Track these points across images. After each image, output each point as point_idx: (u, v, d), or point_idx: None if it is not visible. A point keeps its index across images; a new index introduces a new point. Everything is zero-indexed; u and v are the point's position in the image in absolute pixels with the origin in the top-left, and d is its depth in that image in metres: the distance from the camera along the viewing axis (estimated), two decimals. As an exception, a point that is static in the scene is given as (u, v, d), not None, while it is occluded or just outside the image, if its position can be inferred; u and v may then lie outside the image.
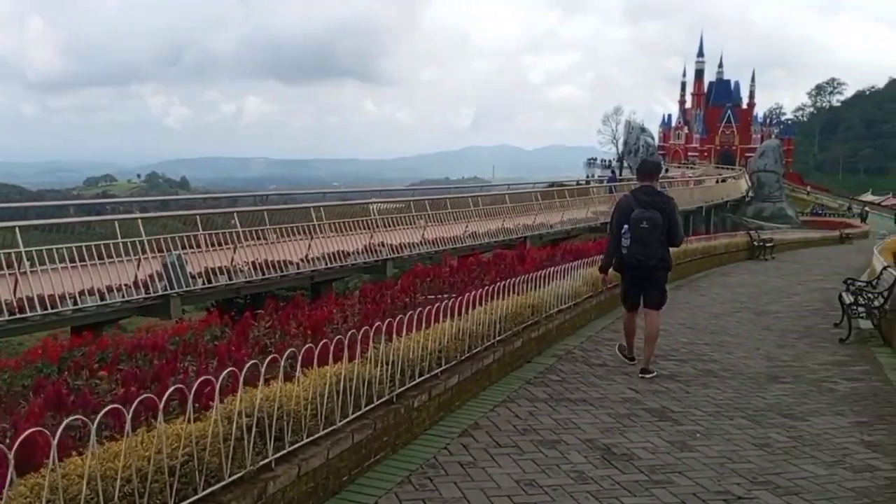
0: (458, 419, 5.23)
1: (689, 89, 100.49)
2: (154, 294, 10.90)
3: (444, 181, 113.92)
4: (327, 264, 14.44)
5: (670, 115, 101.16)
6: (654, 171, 7.19)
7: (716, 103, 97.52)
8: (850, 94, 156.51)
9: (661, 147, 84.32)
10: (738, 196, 53.09)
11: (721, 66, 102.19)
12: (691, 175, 57.39)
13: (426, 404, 5.00)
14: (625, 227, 6.70)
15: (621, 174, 47.82)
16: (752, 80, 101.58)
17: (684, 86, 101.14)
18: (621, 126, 75.59)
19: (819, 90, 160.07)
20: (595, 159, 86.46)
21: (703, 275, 17.55)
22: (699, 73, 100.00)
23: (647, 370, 6.77)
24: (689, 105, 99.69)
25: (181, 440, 3.14)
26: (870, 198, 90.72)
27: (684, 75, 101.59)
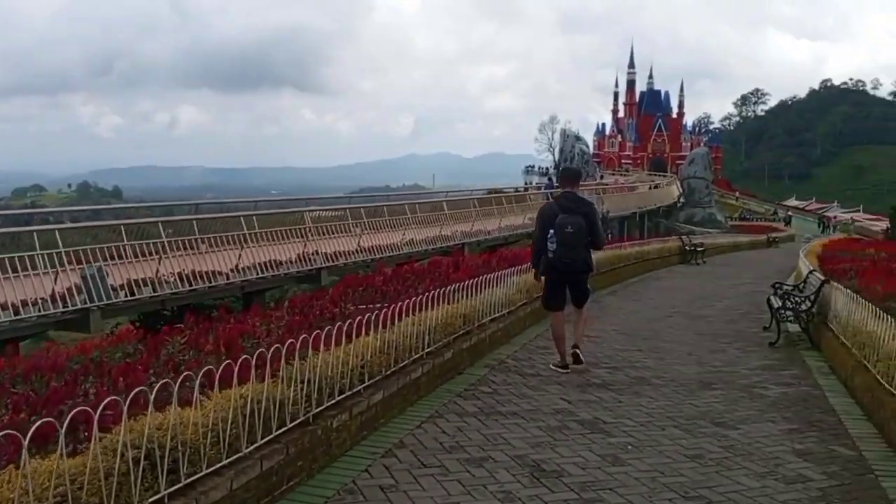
0: (382, 438, 4.94)
1: (622, 99, 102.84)
2: (73, 308, 10.32)
3: (385, 189, 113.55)
4: (258, 274, 14.10)
5: (604, 124, 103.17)
6: (576, 178, 7.51)
7: (647, 112, 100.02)
8: (773, 103, 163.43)
9: (595, 155, 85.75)
10: (671, 202, 54.32)
11: (651, 77, 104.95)
12: (625, 182, 58.52)
13: (346, 424, 4.69)
14: (550, 231, 6.92)
15: (558, 181, 48.26)
16: (682, 90, 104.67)
17: (617, 95, 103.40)
18: (557, 134, 76.53)
19: (744, 100, 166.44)
20: (533, 167, 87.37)
21: (637, 279, 17.72)
22: (631, 84, 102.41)
23: (577, 346, 7.19)
24: (621, 114, 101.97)
25: (52, 479, 2.77)
26: (794, 203, 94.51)
27: (616, 85, 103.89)
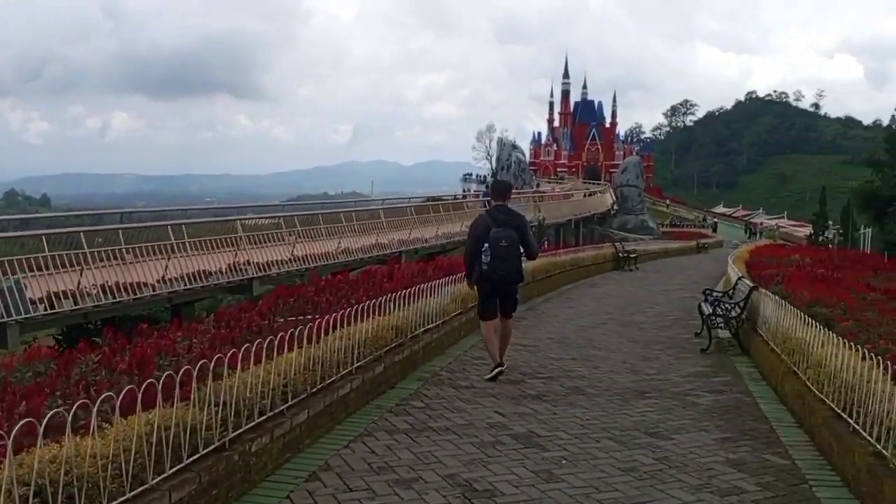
0: (307, 460, 4.67)
1: (557, 108, 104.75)
2: (-12, 323, 9.74)
3: (323, 196, 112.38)
4: (187, 285, 13.62)
5: (540, 133, 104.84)
6: (507, 191, 7.61)
7: (581, 122, 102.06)
8: (701, 114, 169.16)
9: (532, 163, 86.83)
10: (604, 209, 55.40)
11: (585, 88, 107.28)
12: (560, 190, 59.37)
13: (267, 447, 4.41)
14: (485, 245, 6.96)
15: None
16: (614, 100, 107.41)
17: (552, 105, 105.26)
18: (494, 143, 77.30)
19: (674, 111, 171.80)
20: (471, 174, 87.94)
21: (572, 286, 17.84)
22: (565, 94, 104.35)
23: (501, 363, 7.26)
24: (557, 123, 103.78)
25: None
26: (722, 210, 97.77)
27: (552, 95, 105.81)
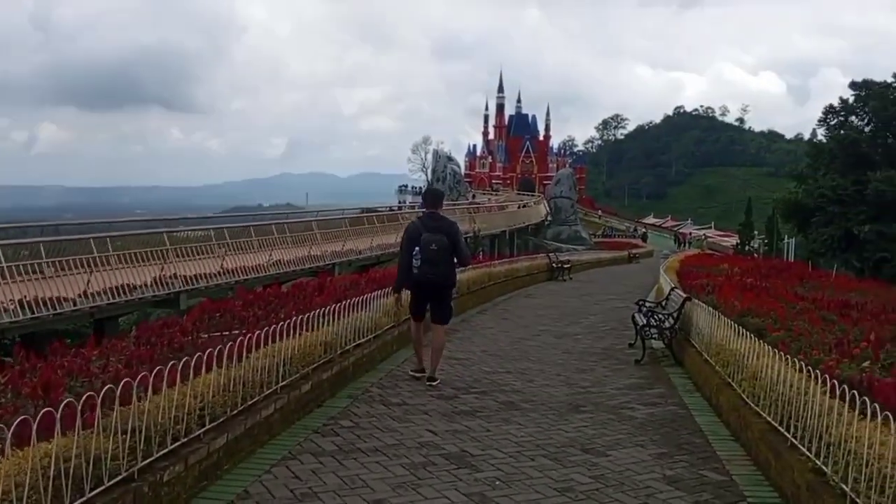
0: (225, 488, 4.37)
1: (492, 122, 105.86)
2: None
3: (257, 207, 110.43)
4: (110, 299, 13.17)
5: (475, 145, 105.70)
6: (438, 199, 7.86)
7: (516, 135, 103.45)
8: (632, 128, 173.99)
9: (467, 175, 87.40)
10: (538, 220, 56.12)
11: (519, 102, 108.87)
12: (495, 201, 59.83)
13: (181, 476, 4.10)
14: (416, 249, 7.19)
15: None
16: (548, 114, 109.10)
17: (487, 118, 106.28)
18: (430, 155, 77.52)
19: (605, 124, 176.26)
20: (406, 186, 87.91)
21: (507, 297, 17.82)
22: (500, 107, 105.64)
23: (433, 378, 7.40)
24: (492, 136, 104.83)
25: None
26: (652, 220, 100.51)
27: (487, 109, 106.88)
